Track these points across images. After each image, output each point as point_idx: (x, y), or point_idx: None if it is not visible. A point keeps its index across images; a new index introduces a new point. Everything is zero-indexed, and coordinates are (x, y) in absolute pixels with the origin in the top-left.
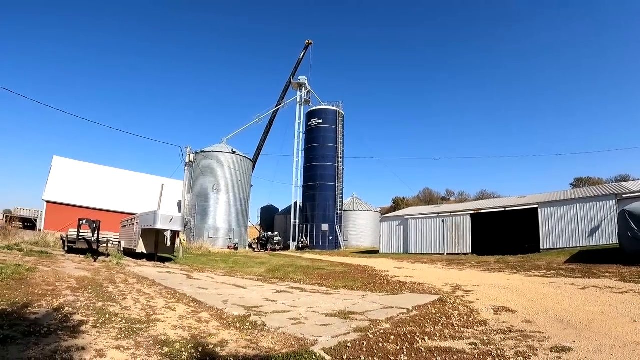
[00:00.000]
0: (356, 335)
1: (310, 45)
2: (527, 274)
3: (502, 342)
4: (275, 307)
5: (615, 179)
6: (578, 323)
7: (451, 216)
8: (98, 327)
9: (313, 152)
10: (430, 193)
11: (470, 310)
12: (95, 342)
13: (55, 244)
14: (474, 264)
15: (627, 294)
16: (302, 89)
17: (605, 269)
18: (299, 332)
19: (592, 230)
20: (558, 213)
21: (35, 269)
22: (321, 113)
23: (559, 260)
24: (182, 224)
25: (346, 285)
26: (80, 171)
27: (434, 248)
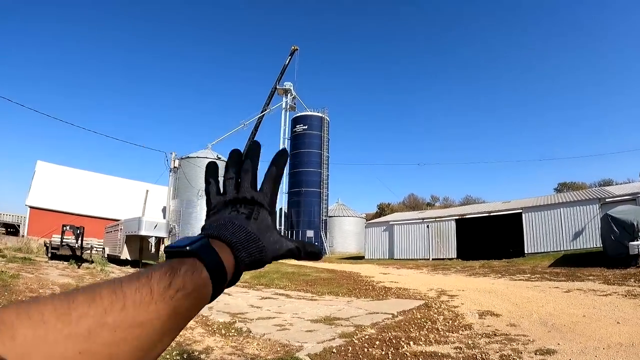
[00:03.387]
0: (341, 341)
1: (296, 52)
2: (511, 278)
3: (487, 345)
4: (261, 313)
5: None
6: (562, 326)
7: (436, 222)
8: None
9: (298, 158)
10: (415, 199)
11: (455, 315)
12: None
13: (39, 250)
14: (459, 268)
15: (611, 296)
16: (287, 95)
17: (589, 272)
18: (285, 338)
19: (575, 234)
20: (542, 217)
21: (18, 276)
22: (306, 119)
23: (543, 264)
24: (167, 230)
25: (331, 291)
26: (64, 176)
27: (419, 253)
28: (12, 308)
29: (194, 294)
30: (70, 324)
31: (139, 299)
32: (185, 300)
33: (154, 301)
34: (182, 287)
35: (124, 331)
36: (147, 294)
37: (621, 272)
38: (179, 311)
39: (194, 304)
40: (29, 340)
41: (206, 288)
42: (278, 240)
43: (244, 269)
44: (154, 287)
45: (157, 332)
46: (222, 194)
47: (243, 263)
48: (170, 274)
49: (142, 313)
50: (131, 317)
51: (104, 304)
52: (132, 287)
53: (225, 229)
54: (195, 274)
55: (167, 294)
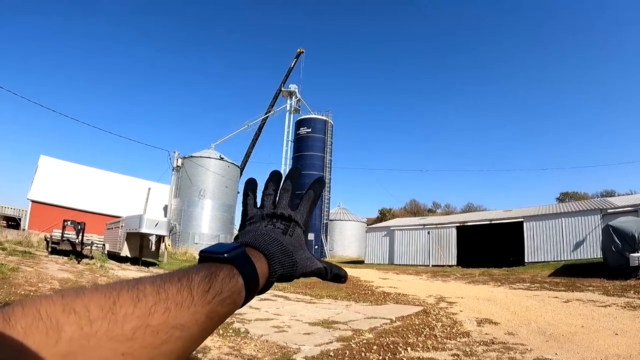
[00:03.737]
0: (339, 345)
1: (302, 54)
2: (511, 286)
3: (485, 353)
4: (259, 314)
5: (601, 194)
6: (560, 335)
7: (437, 228)
8: None
9: (301, 161)
10: (416, 205)
11: (454, 322)
12: None
13: (39, 245)
14: (458, 276)
15: (610, 307)
16: (292, 98)
17: (589, 283)
18: (282, 340)
19: (576, 245)
20: (543, 227)
21: (18, 269)
22: (310, 122)
23: (543, 274)
24: (168, 228)
25: (330, 295)
26: (67, 171)
27: (419, 259)
28: (58, 301)
29: (228, 300)
30: (116, 323)
31: (180, 301)
32: (220, 305)
33: (194, 304)
34: (220, 292)
35: (165, 333)
36: (187, 297)
37: (621, 284)
38: (213, 315)
39: (228, 310)
40: (76, 338)
41: (240, 295)
42: (309, 259)
43: (275, 281)
44: (194, 290)
45: (194, 334)
46: (259, 207)
47: (275, 274)
48: (209, 279)
49: (183, 315)
50: (173, 319)
51: (149, 304)
52: (174, 288)
53: (262, 239)
54: (232, 281)
55: (205, 298)
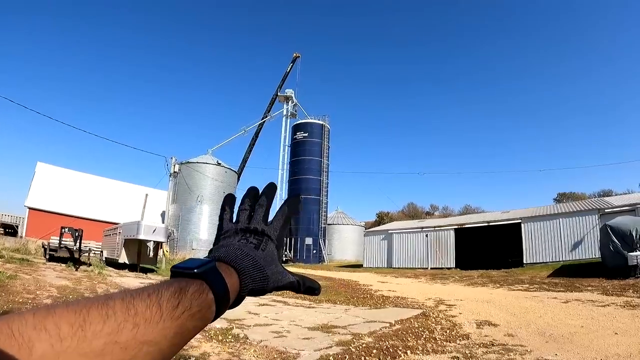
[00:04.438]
0: (338, 349)
1: (298, 59)
2: (510, 288)
3: (484, 355)
4: (258, 320)
5: (598, 194)
6: (560, 336)
7: (435, 231)
8: None
9: (298, 165)
10: (414, 208)
11: (453, 324)
12: None
13: (37, 252)
14: (457, 278)
15: (609, 307)
16: (288, 102)
17: (588, 283)
18: (281, 345)
19: (574, 245)
20: (541, 228)
21: (16, 277)
22: (307, 127)
23: (542, 275)
24: (166, 234)
25: (329, 299)
26: (64, 178)
27: (417, 262)
28: (29, 319)
29: (197, 315)
30: (85, 340)
31: (149, 317)
32: (190, 320)
33: (163, 319)
34: (189, 307)
35: (134, 349)
36: (157, 312)
37: (620, 283)
38: (183, 330)
39: (197, 325)
40: (47, 355)
41: (209, 310)
42: (281, 272)
43: (246, 295)
44: (163, 305)
45: (163, 349)
46: (234, 222)
47: (246, 288)
48: (178, 294)
49: (151, 331)
50: (141, 335)
51: (118, 320)
52: (143, 305)
53: (234, 254)
54: (202, 296)
55: (174, 313)
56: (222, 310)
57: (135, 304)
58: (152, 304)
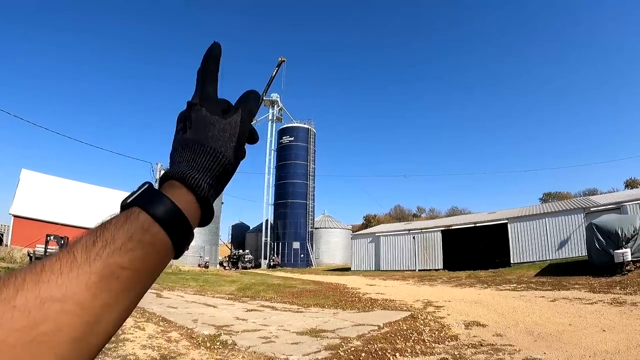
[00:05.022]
0: (327, 353)
1: (283, 63)
2: (497, 288)
3: (473, 356)
4: (246, 325)
5: (583, 193)
6: (548, 335)
7: (422, 233)
8: None
9: (284, 169)
10: (401, 210)
11: (442, 326)
12: None
13: (22, 260)
14: (445, 279)
15: (596, 304)
16: (274, 107)
17: (575, 281)
18: (270, 350)
19: (561, 244)
20: (527, 228)
21: None
22: (293, 131)
23: (529, 274)
24: None
25: (317, 303)
26: (49, 185)
27: (405, 264)
28: None
29: (129, 244)
30: None
31: (57, 268)
32: (119, 254)
33: (78, 266)
34: (111, 240)
35: (39, 310)
36: (67, 261)
37: (606, 280)
38: (114, 269)
39: (138, 255)
40: None
41: (148, 231)
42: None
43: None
44: (77, 251)
45: (85, 302)
46: None
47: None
48: (95, 233)
49: (62, 283)
50: (46, 291)
51: (17, 282)
52: (52, 258)
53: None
54: (128, 222)
55: (90, 254)
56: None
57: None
58: (62, 254)
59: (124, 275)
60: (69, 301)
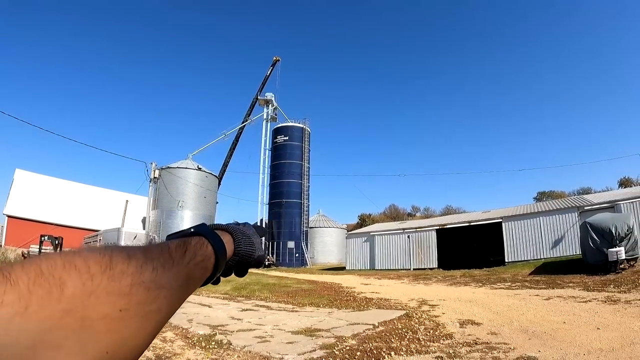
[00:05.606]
0: (322, 352)
1: (278, 62)
2: (492, 286)
3: (468, 354)
4: (241, 325)
5: (577, 192)
6: (543, 333)
7: (417, 232)
8: None
9: (279, 169)
10: (396, 209)
11: (436, 324)
12: None
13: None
14: (440, 278)
15: (591, 302)
16: (269, 106)
17: (569, 279)
18: (265, 350)
19: (555, 242)
20: (522, 226)
21: None
22: (287, 130)
23: (523, 273)
24: (147, 241)
25: (312, 303)
26: (43, 185)
27: (400, 264)
28: (58, 259)
29: (202, 264)
30: (114, 279)
31: (163, 262)
32: (196, 268)
33: (175, 265)
34: (194, 256)
35: (154, 291)
36: (168, 258)
37: (601, 279)
38: (191, 278)
39: (201, 274)
40: (77, 294)
41: (210, 261)
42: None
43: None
44: (173, 253)
45: (175, 295)
46: None
47: (240, 246)
48: (183, 245)
49: (167, 275)
50: (160, 277)
51: (139, 261)
52: (156, 250)
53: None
54: (203, 247)
55: (183, 260)
56: (222, 265)
57: (150, 249)
58: (163, 251)
59: (192, 282)
60: (170, 290)
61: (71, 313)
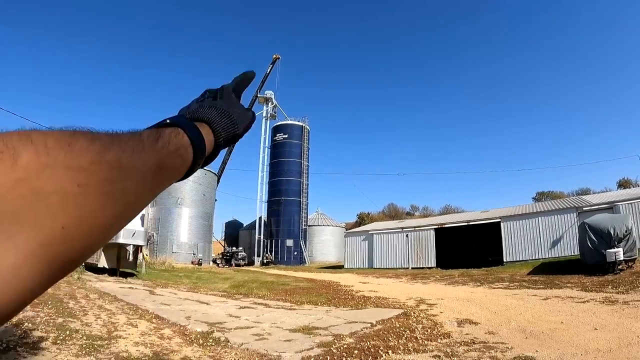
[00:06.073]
0: (320, 351)
1: (278, 60)
2: (490, 286)
3: (466, 353)
4: (239, 322)
5: (576, 192)
6: (540, 333)
7: (415, 231)
8: (58, 344)
9: (278, 167)
10: (395, 208)
11: (434, 323)
12: (56, 358)
13: None
14: (438, 277)
15: (589, 303)
16: (268, 104)
17: (567, 280)
18: (263, 347)
19: (554, 243)
20: (520, 226)
21: None
22: (287, 128)
23: (522, 272)
24: (145, 238)
25: (310, 301)
26: None
27: (398, 262)
28: (14, 133)
29: (176, 153)
30: (72, 154)
31: (132, 145)
32: (170, 157)
33: (145, 151)
34: (167, 143)
35: (118, 171)
36: (139, 143)
37: (599, 279)
38: (163, 166)
39: (176, 164)
40: (32, 166)
41: (187, 151)
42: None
43: (222, 145)
44: (144, 138)
45: (145, 182)
46: None
47: (220, 137)
48: (156, 133)
49: (135, 159)
50: (127, 159)
51: (104, 142)
52: (125, 135)
53: (197, 111)
54: (178, 136)
55: (155, 147)
56: (200, 158)
57: (118, 134)
58: (134, 135)
59: (166, 171)
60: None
61: (24, 182)
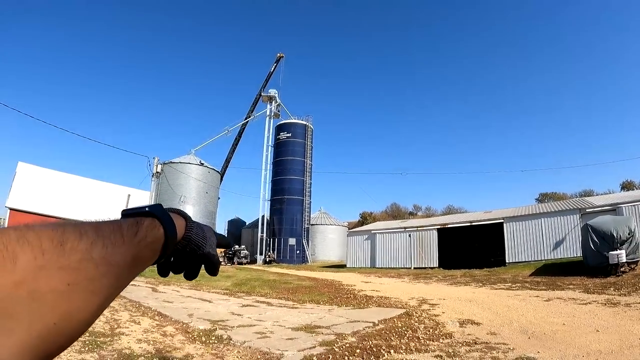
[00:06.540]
0: (322, 349)
1: (282, 59)
2: (492, 287)
3: (467, 354)
4: (241, 321)
5: (579, 194)
6: (542, 334)
7: (418, 231)
8: None
9: (281, 165)
10: (397, 208)
11: (436, 323)
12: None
13: None
14: (440, 277)
15: (590, 304)
16: (272, 102)
17: (569, 281)
18: (265, 346)
19: (556, 244)
20: (523, 227)
21: None
22: (290, 127)
23: (524, 273)
24: None
25: (312, 300)
26: (46, 178)
27: (401, 262)
28: (12, 233)
29: (151, 246)
30: (64, 255)
31: (114, 240)
32: (145, 249)
33: (125, 244)
34: (144, 237)
35: (103, 267)
36: (120, 237)
37: (601, 281)
38: (139, 258)
39: (150, 256)
40: (29, 267)
41: (159, 243)
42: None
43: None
44: (125, 232)
45: (124, 273)
46: None
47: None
48: (135, 225)
49: (117, 252)
50: (109, 255)
51: (90, 239)
52: (108, 229)
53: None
54: (155, 229)
55: (134, 240)
56: (170, 247)
57: (102, 227)
58: (115, 229)
59: (140, 263)
60: (118, 268)
61: (22, 285)
